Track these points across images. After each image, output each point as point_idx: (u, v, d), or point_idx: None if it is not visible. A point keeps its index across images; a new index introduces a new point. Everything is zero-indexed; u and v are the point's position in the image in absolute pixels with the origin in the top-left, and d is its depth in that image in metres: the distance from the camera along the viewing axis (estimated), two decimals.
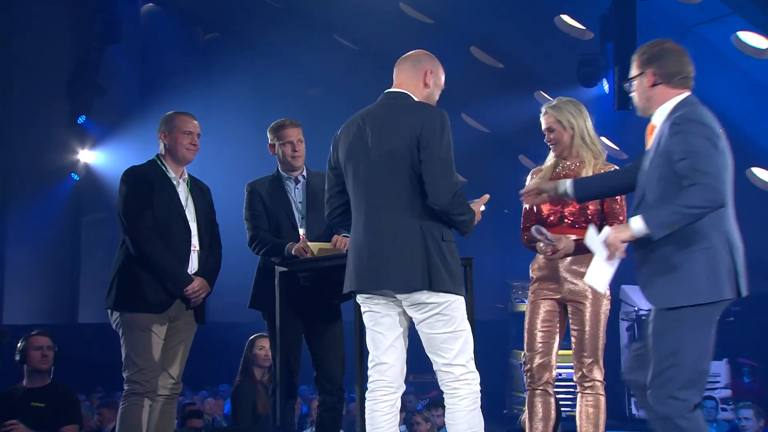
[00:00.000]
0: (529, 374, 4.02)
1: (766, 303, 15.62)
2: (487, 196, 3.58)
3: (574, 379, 3.98)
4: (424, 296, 3.30)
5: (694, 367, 2.98)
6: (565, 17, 13.98)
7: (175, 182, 4.21)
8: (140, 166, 4.23)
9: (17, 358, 4.91)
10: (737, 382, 13.41)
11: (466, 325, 3.40)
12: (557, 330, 4.01)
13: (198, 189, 4.32)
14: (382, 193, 3.34)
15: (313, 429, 7.26)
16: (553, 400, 4.03)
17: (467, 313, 3.99)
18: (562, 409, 4.33)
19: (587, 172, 4.02)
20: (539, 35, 14.21)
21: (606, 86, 12.27)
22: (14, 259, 16.37)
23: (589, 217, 3.96)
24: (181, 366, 4.18)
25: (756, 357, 14.39)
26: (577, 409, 3.99)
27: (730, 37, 12.09)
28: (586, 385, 3.95)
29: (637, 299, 14.62)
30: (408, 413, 8.19)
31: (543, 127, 4.15)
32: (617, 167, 4.11)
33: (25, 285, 16.34)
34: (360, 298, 3.51)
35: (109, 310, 4.13)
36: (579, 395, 3.99)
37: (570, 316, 3.98)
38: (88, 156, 16.76)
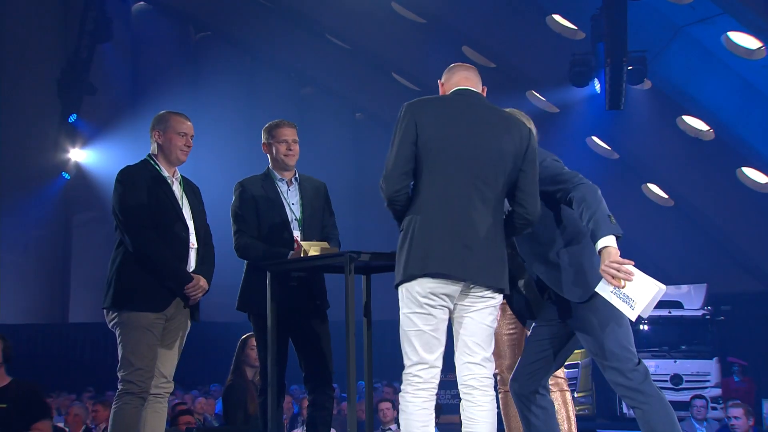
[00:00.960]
0: (498, 377, 4.04)
1: (756, 302, 15.71)
2: None
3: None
4: (495, 295, 3.33)
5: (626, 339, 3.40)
6: (557, 17, 14.02)
7: (169, 181, 4.20)
8: (134, 165, 4.21)
9: None
10: (727, 382, 13.48)
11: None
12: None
13: (190, 189, 4.31)
14: (483, 188, 3.29)
15: (304, 428, 7.27)
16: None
17: None
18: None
19: None
20: (531, 35, 14.24)
21: (597, 86, 12.31)
22: (4, 259, 16.32)
23: None
24: (174, 365, 4.17)
25: (746, 355, 14.46)
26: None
27: (721, 38, 12.14)
28: (549, 382, 3.97)
29: None
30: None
31: None
32: None
33: (15, 284, 16.29)
34: (432, 291, 3.28)
35: (105, 310, 4.10)
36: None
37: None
38: (79, 155, 16.73)
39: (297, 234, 4.45)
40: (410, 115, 3.38)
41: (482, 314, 3.31)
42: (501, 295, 3.35)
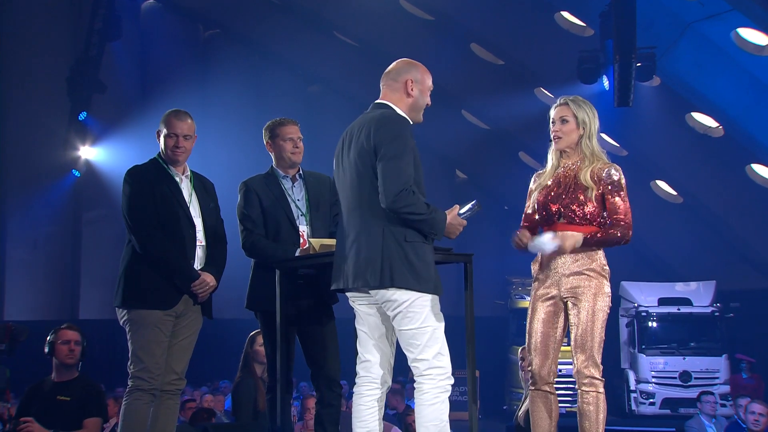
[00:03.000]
0: (530, 376, 4.02)
1: (765, 299, 15.65)
2: (467, 205, 3.66)
3: (573, 375, 3.97)
4: (389, 293, 3.45)
5: None
6: (565, 14, 13.98)
7: (177, 179, 4.22)
8: (142, 165, 4.26)
9: (46, 350, 4.89)
10: (735, 378, 13.45)
11: (434, 322, 3.49)
12: (558, 330, 3.98)
13: (201, 185, 4.34)
14: (351, 197, 3.56)
15: (303, 424, 7.30)
16: (553, 398, 4.02)
17: (467, 309, 4.02)
18: (560, 405, 4.31)
19: (585, 173, 4.01)
20: (539, 32, 14.21)
21: (606, 83, 12.28)
22: (15, 256, 16.39)
23: (587, 214, 3.95)
24: (185, 362, 4.20)
25: (755, 352, 14.42)
26: (578, 406, 3.99)
27: (730, 34, 12.09)
28: (583, 382, 3.94)
29: (636, 295, 14.66)
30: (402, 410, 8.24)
31: (555, 116, 4.08)
32: (617, 166, 4.11)
33: (26, 281, 16.37)
34: (349, 298, 3.68)
35: (117, 307, 4.15)
36: (579, 392, 3.98)
37: (569, 313, 3.98)
38: (89, 152, 16.77)
39: (303, 229, 4.47)
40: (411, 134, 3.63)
41: (396, 321, 3.54)
42: (408, 295, 3.45)
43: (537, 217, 4.06)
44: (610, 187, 4.01)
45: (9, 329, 4.68)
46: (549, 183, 4.05)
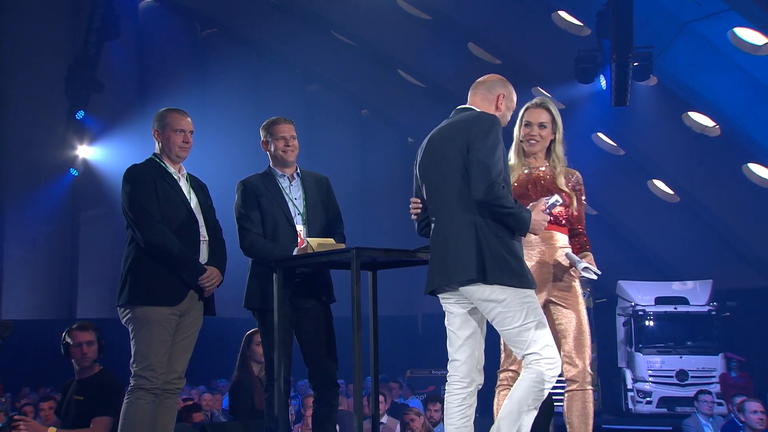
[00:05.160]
0: (513, 373, 4.00)
1: (762, 298, 15.70)
2: (543, 200, 3.69)
3: (569, 375, 3.97)
4: (486, 293, 3.48)
5: None
6: (563, 13, 14.00)
7: (176, 177, 4.24)
8: (140, 164, 4.26)
9: (62, 351, 4.85)
10: (725, 377, 13.48)
11: (535, 316, 3.49)
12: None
13: (198, 185, 4.36)
14: (444, 195, 3.60)
15: (302, 423, 7.32)
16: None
17: None
18: (555, 404, 4.33)
19: (560, 179, 4.08)
20: (537, 32, 14.23)
21: (603, 82, 12.31)
22: (12, 254, 16.40)
23: (568, 217, 4.08)
24: (186, 361, 4.20)
25: (751, 351, 14.47)
26: (566, 404, 3.99)
27: (727, 34, 12.11)
28: (587, 380, 3.96)
29: (633, 294, 14.69)
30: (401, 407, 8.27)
31: (532, 119, 4.10)
32: (577, 171, 4.19)
33: (23, 280, 16.38)
34: (440, 299, 3.72)
35: (120, 307, 4.12)
36: (569, 390, 3.98)
37: (555, 314, 3.98)
38: (87, 151, 16.79)
39: (300, 228, 4.48)
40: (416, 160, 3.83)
41: (497, 323, 3.56)
42: (502, 293, 3.47)
43: None
44: (577, 193, 4.13)
45: None
46: (515, 183, 4.08)
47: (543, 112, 4.11)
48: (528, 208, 3.57)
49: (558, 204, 3.76)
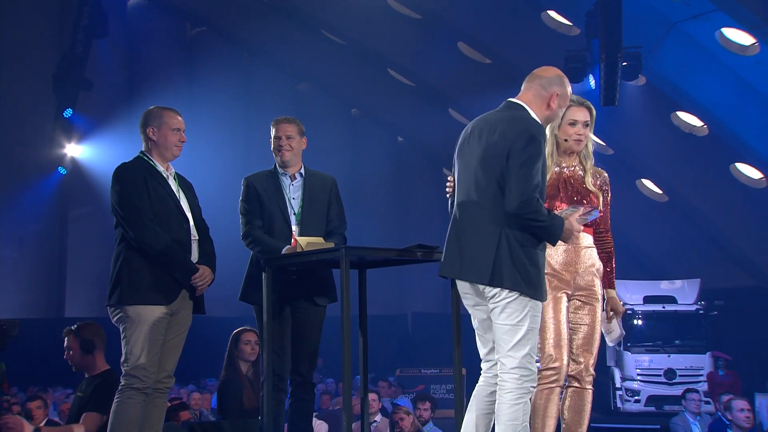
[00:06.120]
0: (553, 371, 3.86)
1: (749, 297, 15.79)
2: (581, 209, 3.65)
3: (571, 373, 3.94)
4: (488, 290, 3.47)
5: None
6: (552, 13, 14.04)
7: (165, 176, 4.23)
8: (129, 162, 4.24)
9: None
10: (712, 375, 13.55)
11: (530, 323, 3.46)
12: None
13: (185, 184, 4.35)
14: (474, 192, 3.54)
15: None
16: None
17: (453, 307, 4.05)
18: None
19: (588, 178, 4.03)
20: (526, 31, 14.26)
21: (592, 82, 12.34)
22: (1, 254, 16.31)
23: (598, 221, 4.00)
24: (175, 360, 4.19)
25: (738, 350, 14.53)
26: (564, 400, 3.98)
27: (715, 34, 12.18)
28: (588, 380, 3.95)
29: (622, 293, 14.74)
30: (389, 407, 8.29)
31: (578, 118, 4.03)
32: (604, 171, 4.15)
33: (11, 279, 16.30)
34: (460, 294, 3.69)
35: (110, 307, 4.10)
36: (572, 388, 3.95)
37: (573, 311, 3.94)
38: (75, 150, 16.72)
39: (294, 228, 4.51)
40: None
41: (494, 314, 3.52)
42: (512, 294, 3.44)
43: None
44: (605, 195, 4.09)
45: None
46: (548, 184, 3.96)
47: (585, 110, 4.07)
48: (564, 215, 3.55)
49: (596, 216, 3.73)
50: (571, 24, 13.84)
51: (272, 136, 4.65)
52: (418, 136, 19.91)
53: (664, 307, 14.25)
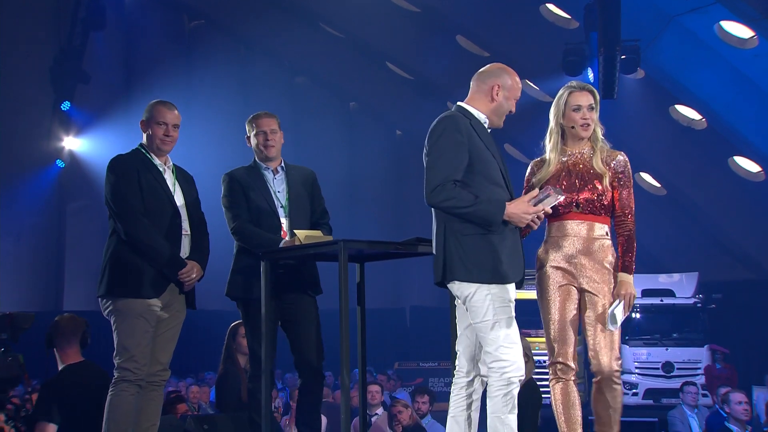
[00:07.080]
0: (560, 365, 3.87)
1: (747, 290, 15.81)
2: (533, 192, 3.60)
3: (594, 369, 3.91)
4: (455, 288, 3.54)
5: None
6: (551, 6, 14.03)
7: (161, 169, 4.23)
8: (125, 154, 4.24)
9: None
10: (710, 368, 13.57)
11: (493, 315, 3.46)
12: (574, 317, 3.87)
13: (183, 177, 4.34)
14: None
15: (290, 416, 7.32)
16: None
17: (451, 301, 4.04)
18: (544, 395, 4.34)
19: (597, 159, 3.91)
20: (524, 24, 14.24)
21: (590, 75, 12.33)
22: None
23: (605, 204, 3.89)
24: (170, 353, 4.19)
25: (736, 343, 14.55)
26: (593, 395, 3.93)
27: (713, 27, 12.17)
28: (601, 374, 3.91)
29: None
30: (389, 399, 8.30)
31: (582, 102, 3.90)
32: (624, 154, 4.03)
33: (9, 272, 16.27)
34: None
35: (100, 298, 4.11)
36: (595, 382, 3.92)
37: (585, 304, 3.85)
38: (73, 143, 16.69)
39: (282, 221, 4.50)
40: None
41: (469, 315, 3.58)
42: (467, 288, 3.49)
43: None
44: (621, 177, 3.96)
45: (10, 318, 4.61)
46: (552, 171, 3.93)
47: (588, 93, 3.96)
48: (514, 200, 3.53)
49: (557, 201, 3.62)
50: (569, 17, 13.82)
51: (253, 132, 4.59)
52: (416, 130, 19.87)
53: (662, 301, 14.26)
